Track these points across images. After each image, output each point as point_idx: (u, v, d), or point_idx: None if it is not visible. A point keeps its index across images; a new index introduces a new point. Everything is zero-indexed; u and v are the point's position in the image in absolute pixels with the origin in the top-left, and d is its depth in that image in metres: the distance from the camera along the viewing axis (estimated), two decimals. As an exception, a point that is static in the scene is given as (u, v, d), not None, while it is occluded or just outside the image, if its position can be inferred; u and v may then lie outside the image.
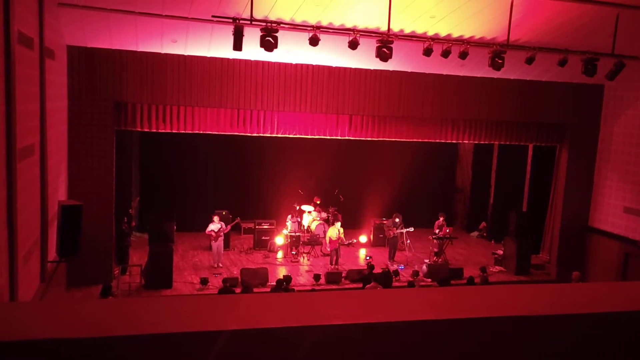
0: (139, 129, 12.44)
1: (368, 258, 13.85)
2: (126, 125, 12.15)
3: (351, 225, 16.05)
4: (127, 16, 9.89)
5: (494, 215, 17.45)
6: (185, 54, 11.70)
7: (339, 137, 13.72)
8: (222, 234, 13.22)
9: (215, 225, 13.14)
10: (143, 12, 9.77)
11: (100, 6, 9.57)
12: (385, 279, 11.46)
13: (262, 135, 13.25)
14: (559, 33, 10.70)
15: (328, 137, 13.69)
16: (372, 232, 16.12)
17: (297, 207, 15.43)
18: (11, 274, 5.91)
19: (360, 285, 11.61)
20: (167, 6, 9.68)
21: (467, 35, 10.86)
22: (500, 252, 14.86)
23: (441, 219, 14.90)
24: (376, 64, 11.24)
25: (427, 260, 13.96)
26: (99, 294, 9.53)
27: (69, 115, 11.12)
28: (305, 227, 15.24)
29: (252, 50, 10.27)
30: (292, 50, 11.35)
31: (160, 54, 11.60)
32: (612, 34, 10.32)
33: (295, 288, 11.63)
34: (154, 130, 12.37)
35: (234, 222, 13.93)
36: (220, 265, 13.25)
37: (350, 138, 13.82)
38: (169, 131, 12.43)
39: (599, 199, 14.58)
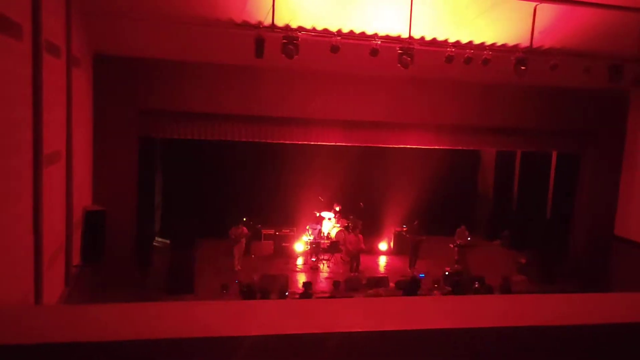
0: (162, 136, 12.60)
1: (448, 270, 13.67)
2: (150, 132, 12.33)
3: (372, 233, 15.98)
4: (151, 24, 10.05)
5: (517, 223, 17.21)
6: (208, 61, 11.83)
7: (360, 145, 13.70)
8: (242, 238, 13.37)
9: (237, 230, 13.32)
10: (167, 20, 9.91)
11: (125, 15, 9.75)
12: (412, 286, 11.48)
13: (282, 142, 13.32)
14: (584, 39, 10.55)
15: (348, 145, 13.68)
16: (392, 240, 16.03)
17: (317, 214, 15.44)
18: (36, 278, 6.01)
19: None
20: (190, 14, 9.81)
21: (489, 42, 10.77)
22: (524, 260, 14.63)
23: (462, 227, 14.79)
24: (397, 71, 11.21)
25: (448, 269, 13.82)
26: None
27: (94, 122, 11.32)
28: (325, 234, 15.23)
29: (273, 57, 10.34)
30: (313, 57, 11.39)
31: (183, 61, 11.75)
32: (638, 40, 10.15)
33: (315, 295, 11.62)
34: (177, 137, 12.53)
35: (254, 229, 14.04)
36: (240, 267, 13.36)
37: (370, 145, 13.79)
38: (192, 138, 12.59)
39: (625, 207, 14.27)
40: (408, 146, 14.00)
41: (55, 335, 1.31)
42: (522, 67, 10.34)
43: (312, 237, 14.58)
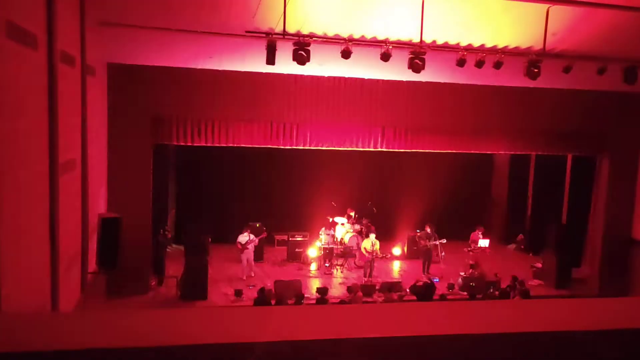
0: (176, 143, 12.71)
1: (462, 274, 13.51)
2: (163, 139, 12.43)
3: (385, 238, 15.92)
4: (164, 33, 10.14)
5: (532, 227, 17.05)
6: (220, 68, 11.93)
7: (372, 149, 13.68)
8: (248, 246, 13.34)
9: (243, 237, 13.30)
10: (180, 29, 10.00)
11: (138, 24, 9.85)
12: (427, 291, 11.38)
13: (295, 147, 13.35)
14: (597, 41, 10.45)
15: (361, 149, 13.67)
16: (406, 245, 15.96)
17: (330, 219, 15.42)
18: (53, 285, 6.07)
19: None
20: (202, 23, 9.89)
21: (501, 45, 10.71)
22: (539, 265, 14.48)
23: (477, 231, 14.67)
24: (409, 76, 11.20)
25: (462, 273, 13.72)
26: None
27: (108, 130, 11.45)
28: (339, 239, 15.21)
29: (285, 64, 10.39)
30: (324, 63, 11.43)
31: (196, 69, 11.85)
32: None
33: (329, 300, 11.59)
34: (190, 144, 12.63)
35: (262, 235, 14.05)
36: (253, 274, 13.35)
37: (383, 150, 13.77)
38: (204, 145, 12.67)
39: (642, 210, 14.08)
40: (421, 150, 13.95)
41: (72, 342, 1.33)
42: (535, 70, 10.28)
43: (325, 242, 14.55)
